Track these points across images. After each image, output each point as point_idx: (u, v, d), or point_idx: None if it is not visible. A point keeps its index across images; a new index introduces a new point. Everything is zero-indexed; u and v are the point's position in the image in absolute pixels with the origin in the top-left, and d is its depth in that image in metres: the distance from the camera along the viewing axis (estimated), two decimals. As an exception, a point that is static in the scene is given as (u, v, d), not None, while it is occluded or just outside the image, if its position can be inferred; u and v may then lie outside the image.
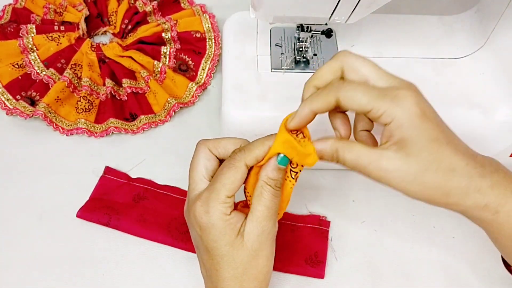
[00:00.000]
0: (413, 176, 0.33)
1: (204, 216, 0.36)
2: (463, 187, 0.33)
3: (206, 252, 0.37)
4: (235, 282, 0.37)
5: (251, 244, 0.36)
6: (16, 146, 0.54)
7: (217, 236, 0.36)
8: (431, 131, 0.33)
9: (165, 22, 0.62)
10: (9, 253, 0.47)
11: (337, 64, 0.35)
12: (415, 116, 0.32)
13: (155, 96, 0.58)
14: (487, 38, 0.51)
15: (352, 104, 0.33)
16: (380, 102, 0.32)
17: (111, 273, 0.46)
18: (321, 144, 0.35)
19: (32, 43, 0.58)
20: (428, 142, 0.32)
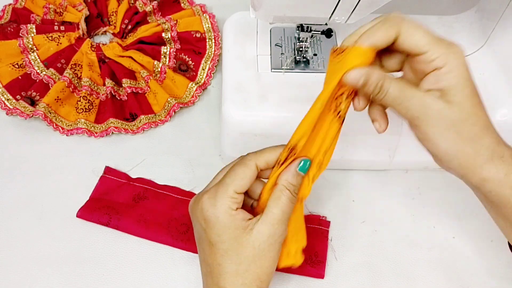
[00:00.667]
0: (452, 122, 0.33)
1: (210, 209, 0.36)
2: (491, 149, 0.34)
3: (209, 247, 0.37)
4: (237, 278, 0.36)
5: (259, 244, 0.36)
6: (16, 146, 0.54)
7: (221, 230, 0.36)
8: (474, 87, 0.34)
9: (165, 22, 0.62)
10: (9, 252, 0.47)
11: (392, 31, 0.34)
12: (465, 68, 0.33)
13: (155, 96, 0.58)
14: (487, 38, 0.51)
15: (410, 41, 0.34)
16: (438, 47, 0.33)
17: (111, 273, 0.46)
18: (368, 69, 0.34)
19: (32, 43, 0.58)
20: (472, 95, 0.34)
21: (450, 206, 0.51)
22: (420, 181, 0.53)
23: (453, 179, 0.53)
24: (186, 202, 0.49)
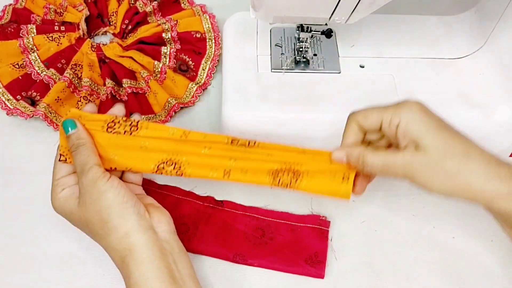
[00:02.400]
0: (434, 166, 0.35)
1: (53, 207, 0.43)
2: (482, 171, 0.35)
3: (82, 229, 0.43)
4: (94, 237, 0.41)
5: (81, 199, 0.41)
6: (16, 146, 0.54)
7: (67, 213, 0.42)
8: (437, 122, 0.36)
9: (165, 22, 0.62)
10: (9, 252, 0.47)
11: (354, 126, 0.40)
12: (419, 111, 0.36)
13: (155, 96, 0.58)
14: (487, 39, 0.51)
15: (366, 121, 0.39)
16: (387, 111, 0.37)
17: (111, 273, 0.46)
18: (348, 149, 0.39)
19: (32, 43, 0.58)
20: (438, 131, 0.36)
21: (450, 206, 0.51)
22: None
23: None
24: (186, 202, 0.49)
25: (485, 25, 0.51)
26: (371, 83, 0.50)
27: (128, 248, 0.38)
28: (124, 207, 0.39)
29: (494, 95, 0.50)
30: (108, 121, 0.43)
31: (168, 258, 0.39)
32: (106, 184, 0.39)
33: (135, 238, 0.38)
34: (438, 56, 0.53)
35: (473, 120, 0.49)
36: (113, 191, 0.39)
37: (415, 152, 0.36)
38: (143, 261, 0.38)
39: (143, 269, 0.37)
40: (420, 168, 0.36)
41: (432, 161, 0.35)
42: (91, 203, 0.39)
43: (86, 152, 0.41)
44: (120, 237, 0.39)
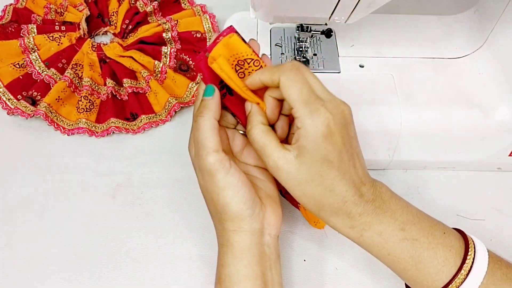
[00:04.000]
0: (298, 182, 0.36)
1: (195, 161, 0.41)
2: (335, 207, 0.36)
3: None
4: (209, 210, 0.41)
5: (199, 180, 0.40)
6: (17, 146, 0.55)
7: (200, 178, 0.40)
8: (327, 153, 0.35)
9: (166, 22, 0.62)
10: (9, 252, 0.47)
11: (276, 76, 0.37)
12: (320, 134, 0.34)
13: (155, 96, 0.58)
14: (486, 38, 0.51)
15: (284, 92, 0.36)
16: (302, 108, 0.35)
17: (111, 273, 0.46)
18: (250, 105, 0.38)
19: (33, 43, 0.59)
20: (321, 161, 0.35)
21: (449, 206, 0.51)
22: (419, 181, 0.53)
23: (452, 179, 0.54)
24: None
25: (485, 25, 0.51)
26: (370, 83, 0.50)
27: (231, 242, 0.38)
28: (242, 208, 0.38)
29: (494, 95, 0.50)
30: (239, 57, 0.39)
31: (265, 262, 0.39)
32: (224, 179, 0.37)
33: (241, 237, 0.38)
34: (437, 55, 0.53)
35: (472, 120, 0.49)
36: (232, 189, 0.37)
37: (290, 161, 0.35)
38: (241, 260, 0.38)
39: (240, 266, 0.38)
40: (285, 177, 0.36)
41: (299, 177, 0.36)
42: (209, 192, 0.38)
43: (203, 130, 0.37)
44: (228, 229, 0.38)
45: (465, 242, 0.38)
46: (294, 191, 0.36)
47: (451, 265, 0.36)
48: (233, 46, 0.38)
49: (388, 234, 0.37)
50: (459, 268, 0.36)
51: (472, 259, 0.36)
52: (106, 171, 0.53)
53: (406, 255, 0.37)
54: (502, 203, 0.52)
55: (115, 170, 0.53)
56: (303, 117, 0.35)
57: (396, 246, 0.37)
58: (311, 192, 0.36)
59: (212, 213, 0.40)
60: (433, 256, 0.36)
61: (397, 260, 0.37)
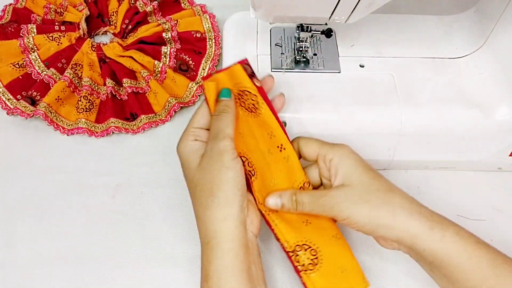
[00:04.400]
0: (359, 196, 0.38)
1: (177, 148, 0.42)
2: (406, 206, 0.38)
3: (187, 184, 0.42)
4: (197, 200, 0.40)
5: (203, 161, 0.40)
6: (16, 146, 0.55)
7: (183, 162, 0.42)
8: (364, 163, 0.40)
9: (166, 22, 0.62)
10: (9, 252, 0.47)
11: (295, 145, 0.43)
12: (351, 152, 0.41)
13: (155, 96, 0.58)
14: (486, 38, 0.51)
15: (307, 148, 0.42)
16: (325, 146, 0.42)
17: (111, 272, 0.46)
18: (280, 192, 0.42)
19: (32, 43, 0.59)
20: (365, 170, 0.40)
21: (450, 206, 0.51)
22: (419, 181, 0.53)
23: (452, 179, 0.54)
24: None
25: (485, 25, 0.51)
26: (371, 83, 0.50)
27: (218, 232, 0.38)
28: (235, 193, 0.39)
29: (494, 95, 0.50)
30: (240, 87, 0.43)
31: (250, 257, 0.39)
32: (232, 161, 0.39)
33: (230, 226, 0.38)
34: (437, 55, 0.53)
35: (472, 120, 0.49)
36: (234, 172, 0.39)
37: (342, 188, 0.39)
38: (229, 252, 0.38)
39: (227, 260, 0.38)
40: (346, 201, 0.38)
41: (357, 193, 0.38)
42: (210, 171, 0.39)
43: (226, 120, 0.40)
44: (218, 218, 0.38)
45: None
46: (360, 207, 0.38)
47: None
48: (236, 75, 0.43)
49: (465, 234, 0.37)
50: None
51: None
52: (106, 171, 0.53)
53: (485, 258, 0.36)
54: (502, 203, 0.52)
55: (115, 170, 0.53)
56: (331, 149, 0.41)
57: (475, 247, 0.36)
58: (376, 198, 0.38)
59: (202, 199, 0.39)
60: (507, 261, 0.36)
61: (478, 265, 0.36)
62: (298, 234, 0.41)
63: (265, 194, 0.42)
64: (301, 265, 0.40)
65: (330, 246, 0.41)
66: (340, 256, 0.41)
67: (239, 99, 0.43)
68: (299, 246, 0.40)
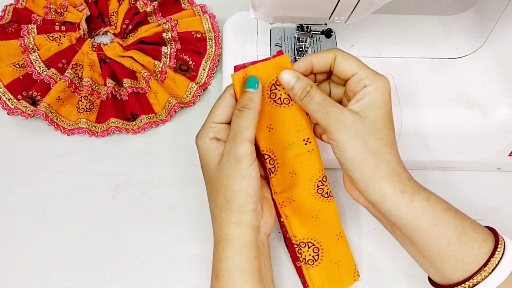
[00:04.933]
0: (362, 132, 0.37)
1: (196, 140, 0.41)
2: (391, 166, 0.38)
3: (205, 180, 0.41)
4: (212, 201, 0.40)
5: (220, 163, 0.39)
6: (17, 146, 0.55)
7: (201, 158, 0.41)
8: (389, 109, 0.39)
9: (166, 22, 0.62)
10: (9, 252, 0.47)
11: (331, 54, 0.40)
12: (388, 91, 0.38)
13: (155, 96, 0.58)
14: (486, 38, 0.51)
15: (344, 64, 0.39)
16: (367, 69, 0.39)
17: (111, 272, 0.46)
18: (299, 74, 0.39)
19: (33, 43, 0.59)
20: (385, 115, 0.38)
21: (450, 206, 0.51)
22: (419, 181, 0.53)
23: (452, 179, 0.54)
24: None
25: (485, 25, 0.51)
26: (370, 83, 0.50)
27: (231, 236, 0.38)
28: (248, 201, 0.38)
29: (494, 95, 0.50)
30: (276, 79, 0.40)
31: (260, 259, 0.40)
32: (248, 168, 0.38)
33: (242, 231, 0.39)
34: (437, 56, 0.53)
35: (472, 120, 0.49)
36: (249, 180, 0.38)
37: (355, 113, 0.38)
38: (241, 254, 0.38)
39: (239, 260, 0.38)
40: (349, 125, 0.37)
41: (363, 129, 0.37)
42: (226, 177, 0.38)
43: (247, 119, 0.38)
44: (231, 221, 0.38)
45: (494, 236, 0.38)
46: (356, 143, 0.37)
47: (490, 241, 0.36)
48: (281, 66, 0.40)
49: (434, 201, 0.37)
50: (495, 245, 0.36)
51: (503, 246, 0.36)
52: (106, 171, 0.53)
53: (452, 224, 0.36)
54: (502, 203, 0.52)
55: (115, 170, 0.53)
56: (372, 76, 0.38)
57: (442, 214, 0.37)
58: (373, 145, 0.37)
59: (218, 201, 0.39)
60: (475, 229, 0.37)
61: (444, 231, 0.36)
62: (306, 231, 0.43)
63: (283, 186, 0.42)
64: (302, 258, 0.43)
65: (332, 244, 0.43)
66: (338, 254, 0.44)
67: (270, 90, 0.41)
68: (303, 243, 0.43)
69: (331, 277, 0.44)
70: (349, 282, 0.45)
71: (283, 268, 0.47)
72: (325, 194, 0.42)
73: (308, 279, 0.44)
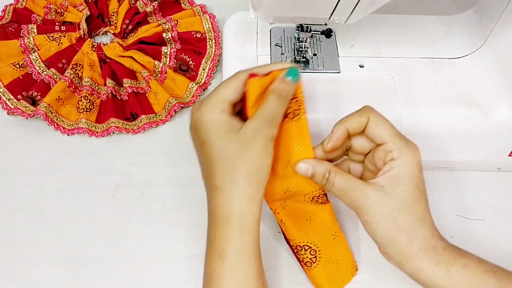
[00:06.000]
0: (390, 211, 0.36)
1: (196, 112, 0.39)
2: (425, 241, 0.37)
3: (201, 148, 0.38)
4: (225, 172, 0.37)
5: (244, 136, 0.37)
6: (17, 146, 0.55)
7: (207, 128, 0.38)
8: (419, 182, 0.38)
9: (166, 22, 0.62)
10: (9, 252, 0.47)
11: (364, 117, 0.39)
12: (417, 164, 0.38)
13: (155, 96, 0.58)
14: (486, 38, 0.51)
15: (376, 129, 0.39)
16: (398, 140, 0.38)
17: (111, 272, 0.46)
18: (315, 162, 0.39)
19: (33, 43, 0.59)
20: (415, 190, 0.37)
21: (449, 206, 0.51)
22: (419, 181, 0.53)
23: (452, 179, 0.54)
24: None
25: (485, 25, 0.52)
26: (370, 83, 0.50)
27: (247, 211, 0.37)
28: (266, 179, 0.38)
29: (493, 95, 0.50)
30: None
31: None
32: (272, 149, 0.37)
33: (256, 208, 0.37)
34: (437, 56, 0.53)
35: (472, 120, 0.49)
36: (271, 160, 0.37)
37: (379, 191, 0.37)
38: (251, 233, 0.37)
39: (248, 240, 0.37)
40: (375, 206, 0.37)
41: (391, 207, 0.36)
42: (254, 151, 0.37)
43: (283, 108, 0.38)
44: (246, 197, 0.37)
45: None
46: (384, 222, 0.37)
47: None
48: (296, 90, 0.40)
49: (471, 266, 0.37)
50: None
51: None
52: (106, 171, 0.53)
53: (491, 286, 0.36)
54: (502, 203, 0.52)
55: (115, 170, 0.53)
56: (401, 148, 0.37)
57: (481, 277, 0.36)
58: (403, 222, 0.36)
59: (235, 173, 0.37)
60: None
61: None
62: (301, 234, 0.43)
63: (277, 197, 0.42)
64: (301, 260, 0.44)
65: (328, 245, 0.44)
66: (336, 253, 0.44)
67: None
68: (300, 246, 0.43)
69: (331, 276, 0.44)
70: (348, 278, 0.45)
71: (282, 268, 0.47)
72: (320, 201, 0.43)
73: (311, 279, 0.45)
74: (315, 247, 0.43)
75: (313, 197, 0.42)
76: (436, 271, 0.37)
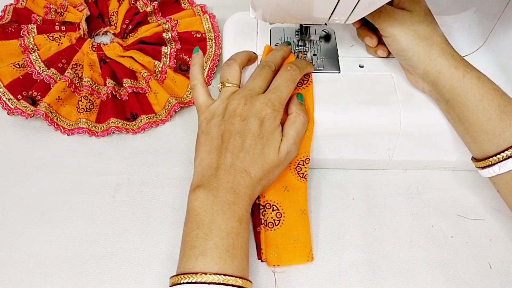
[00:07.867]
0: (411, 23, 0.45)
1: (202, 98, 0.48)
2: (442, 46, 0.44)
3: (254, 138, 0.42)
4: (244, 156, 0.42)
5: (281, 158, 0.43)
6: (17, 146, 0.55)
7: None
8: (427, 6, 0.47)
9: (166, 22, 0.62)
10: (10, 252, 0.47)
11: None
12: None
13: (155, 96, 0.58)
14: (486, 38, 0.51)
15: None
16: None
17: (111, 272, 0.46)
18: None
19: (33, 43, 0.59)
20: (426, 7, 0.47)
21: (449, 206, 0.51)
22: (419, 181, 0.53)
23: (452, 179, 0.54)
24: None
25: (484, 25, 0.51)
26: (370, 83, 0.50)
27: (250, 203, 0.42)
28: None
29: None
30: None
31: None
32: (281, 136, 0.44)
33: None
34: (437, 56, 0.53)
35: (472, 120, 0.49)
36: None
37: (404, 10, 0.46)
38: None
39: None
40: (400, 19, 0.45)
41: (412, 20, 0.45)
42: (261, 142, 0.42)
43: (293, 85, 0.46)
44: (260, 187, 0.43)
45: None
46: (407, 31, 0.44)
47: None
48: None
49: (485, 80, 0.43)
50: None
51: None
52: (106, 171, 0.53)
53: (495, 103, 0.41)
54: (502, 203, 0.52)
55: (115, 170, 0.53)
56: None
57: (489, 92, 0.42)
58: (422, 31, 0.44)
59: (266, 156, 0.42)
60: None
61: (487, 107, 0.41)
62: (274, 194, 0.46)
63: None
64: (264, 220, 0.46)
65: (294, 216, 0.46)
66: (298, 228, 0.46)
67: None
68: (269, 204, 0.46)
69: (285, 247, 0.45)
70: (302, 260, 0.46)
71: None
72: (301, 174, 0.47)
73: (263, 243, 0.46)
74: (282, 211, 0.46)
75: (298, 162, 0.47)
76: (454, 74, 0.43)
